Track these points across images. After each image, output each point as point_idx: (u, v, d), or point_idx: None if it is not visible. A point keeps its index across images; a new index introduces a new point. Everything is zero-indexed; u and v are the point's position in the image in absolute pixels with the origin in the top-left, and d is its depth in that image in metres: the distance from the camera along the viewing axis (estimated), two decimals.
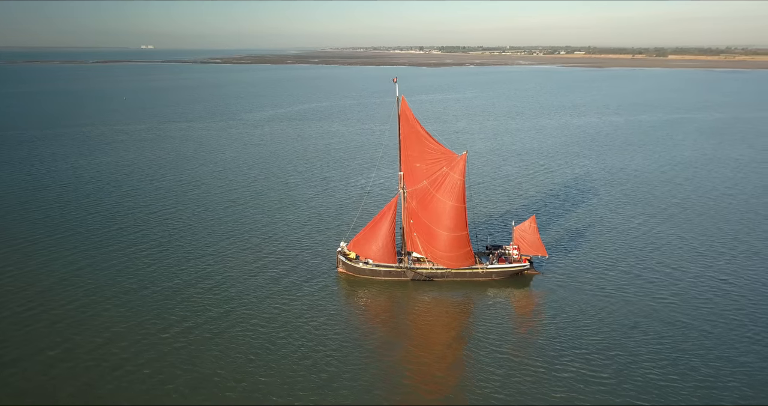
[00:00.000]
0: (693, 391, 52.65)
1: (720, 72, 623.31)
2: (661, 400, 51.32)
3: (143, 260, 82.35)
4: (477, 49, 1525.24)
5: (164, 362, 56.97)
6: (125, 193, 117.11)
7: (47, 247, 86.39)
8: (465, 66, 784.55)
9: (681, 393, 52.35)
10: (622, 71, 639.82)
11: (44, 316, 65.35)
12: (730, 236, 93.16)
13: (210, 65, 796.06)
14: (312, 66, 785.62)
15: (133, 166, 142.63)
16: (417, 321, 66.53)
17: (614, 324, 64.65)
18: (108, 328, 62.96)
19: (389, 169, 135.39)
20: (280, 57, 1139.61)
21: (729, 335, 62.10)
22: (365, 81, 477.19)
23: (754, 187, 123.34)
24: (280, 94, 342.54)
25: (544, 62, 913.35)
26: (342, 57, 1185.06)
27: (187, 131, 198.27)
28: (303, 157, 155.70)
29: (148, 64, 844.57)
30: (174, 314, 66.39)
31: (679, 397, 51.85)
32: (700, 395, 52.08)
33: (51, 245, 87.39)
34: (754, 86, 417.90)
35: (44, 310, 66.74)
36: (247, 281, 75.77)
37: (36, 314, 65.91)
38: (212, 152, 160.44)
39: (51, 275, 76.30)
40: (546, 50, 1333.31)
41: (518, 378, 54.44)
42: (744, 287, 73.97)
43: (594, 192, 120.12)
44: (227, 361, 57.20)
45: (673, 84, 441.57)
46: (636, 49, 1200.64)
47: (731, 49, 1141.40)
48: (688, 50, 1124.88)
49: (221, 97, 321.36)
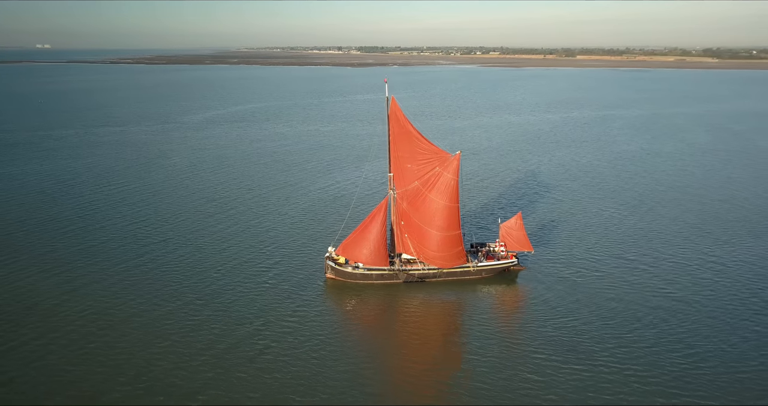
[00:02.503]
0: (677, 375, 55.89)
1: (625, 71, 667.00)
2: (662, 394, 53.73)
3: (117, 276, 76.75)
4: (395, 50, 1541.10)
5: (152, 366, 55.43)
6: (73, 205, 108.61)
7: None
8: (389, 66, 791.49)
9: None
10: (538, 71, 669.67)
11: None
12: (692, 224, 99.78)
13: (122, 66, 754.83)
14: (233, 66, 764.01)
15: (72, 174, 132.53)
16: (410, 323, 66.16)
17: (604, 316, 66.98)
18: (97, 336, 58.30)
19: (356, 171, 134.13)
20: (197, 57, 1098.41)
21: (706, 319, 66.47)
22: (295, 82, 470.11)
23: (699, 179, 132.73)
24: (211, 96, 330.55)
25: (463, 62, 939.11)
26: (261, 57, 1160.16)
27: (122, 136, 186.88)
28: (260, 160, 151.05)
29: (53, 64, 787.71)
30: (157, 327, 62.76)
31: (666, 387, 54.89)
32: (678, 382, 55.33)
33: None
34: (660, 84, 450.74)
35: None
36: (230, 294, 71.87)
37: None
38: (158, 158, 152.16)
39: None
40: (463, 50, 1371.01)
41: (517, 378, 54.53)
42: (710, 270, 79.52)
43: (556, 187, 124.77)
44: (217, 370, 55.30)
45: (588, 83, 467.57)
46: (546, 49, 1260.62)
47: (630, 50, 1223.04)
48: (593, 51, 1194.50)
49: (149, 100, 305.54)
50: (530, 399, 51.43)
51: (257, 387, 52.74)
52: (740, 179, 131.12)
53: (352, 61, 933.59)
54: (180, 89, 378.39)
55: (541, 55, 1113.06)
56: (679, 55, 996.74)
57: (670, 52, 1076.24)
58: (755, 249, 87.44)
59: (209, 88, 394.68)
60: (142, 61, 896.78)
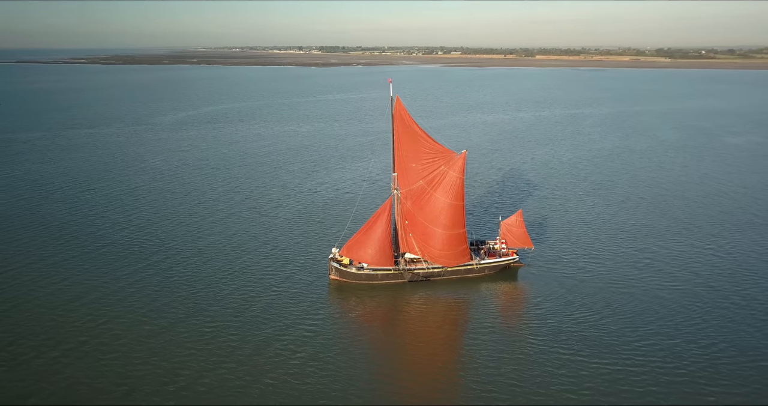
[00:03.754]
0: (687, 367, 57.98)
1: (585, 70, 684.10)
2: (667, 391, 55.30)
3: (118, 284, 74.41)
4: (356, 50, 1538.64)
5: (154, 366, 55.23)
6: (58, 211, 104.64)
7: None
8: (353, 66, 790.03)
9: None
10: (502, 70, 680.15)
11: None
12: (680, 219, 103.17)
13: (77, 66, 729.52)
14: (193, 67, 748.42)
15: (49, 179, 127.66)
16: (416, 323, 66.36)
17: (609, 309, 68.59)
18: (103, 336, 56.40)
19: (346, 172, 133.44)
20: (154, 57, 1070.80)
21: (703, 309, 69.05)
22: (261, 82, 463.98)
23: (677, 176, 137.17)
24: (177, 97, 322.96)
25: (426, 62, 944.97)
26: (221, 57, 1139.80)
27: (93, 138, 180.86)
28: (245, 161, 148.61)
29: (0, 64, 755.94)
30: (171, 335, 61.17)
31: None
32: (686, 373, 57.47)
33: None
34: (619, 83, 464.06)
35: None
36: (233, 299, 70.58)
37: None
38: (137, 161, 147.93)
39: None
40: (424, 50, 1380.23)
41: (523, 377, 54.70)
42: (705, 263, 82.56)
43: (543, 185, 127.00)
44: (218, 372, 54.80)
45: (552, 82, 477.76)
46: (506, 49, 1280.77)
47: (586, 50, 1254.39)
48: (550, 51, 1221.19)
49: (113, 101, 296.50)
50: (543, 398, 51.75)
51: (283, 391, 52.04)
52: (716, 175, 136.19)
53: (315, 61, 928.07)
54: (143, 90, 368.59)
55: (502, 55, 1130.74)
56: (634, 55, 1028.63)
57: (624, 52, 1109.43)
58: (744, 241, 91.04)
59: (174, 88, 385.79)
60: (97, 61, 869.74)
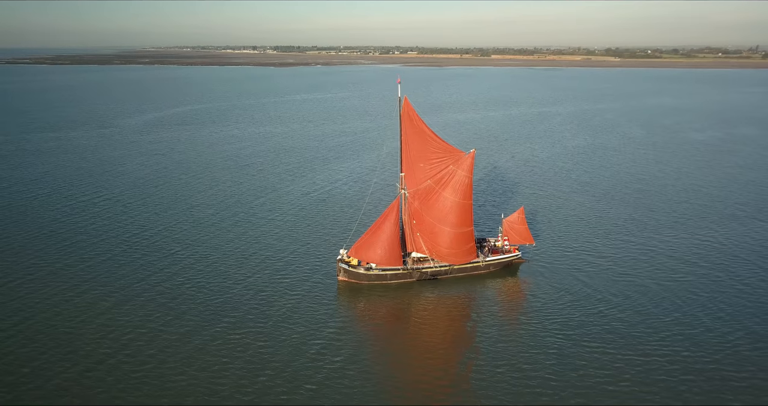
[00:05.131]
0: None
1: (540, 70, 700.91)
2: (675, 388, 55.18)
3: (126, 292, 72.30)
4: (312, 49, 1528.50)
5: (163, 366, 55.62)
6: (44, 219, 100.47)
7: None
8: (312, 66, 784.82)
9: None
10: (461, 70, 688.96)
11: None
12: (668, 212, 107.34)
13: (23, 67, 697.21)
14: (147, 67, 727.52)
15: (24, 185, 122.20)
16: (426, 321, 66.95)
17: (610, 306, 70.56)
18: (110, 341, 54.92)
19: (335, 173, 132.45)
20: (103, 57, 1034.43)
21: (702, 306, 72.46)
22: (221, 82, 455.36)
23: (654, 171, 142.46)
24: (139, 98, 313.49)
25: (384, 62, 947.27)
26: (174, 57, 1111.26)
27: (61, 142, 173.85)
28: (229, 164, 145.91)
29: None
30: (159, 323, 60.14)
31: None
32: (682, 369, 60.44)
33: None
34: (575, 82, 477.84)
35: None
36: (241, 300, 70.07)
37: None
38: (114, 165, 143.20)
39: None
40: (381, 50, 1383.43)
41: (532, 377, 55.00)
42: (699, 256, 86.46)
43: (528, 182, 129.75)
44: (229, 370, 55.20)
45: (513, 81, 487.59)
46: (462, 49, 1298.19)
47: (539, 49, 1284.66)
48: (504, 50, 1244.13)
49: (74, 103, 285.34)
50: (551, 397, 52.54)
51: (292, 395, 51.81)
52: (689, 170, 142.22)
53: (272, 61, 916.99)
54: (102, 91, 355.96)
55: (458, 55, 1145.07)
56: (585, 55, 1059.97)
57: (575, 52, 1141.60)
58: (733, 231, 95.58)
59: (133, 89, 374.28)
60: (44, 62, 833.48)
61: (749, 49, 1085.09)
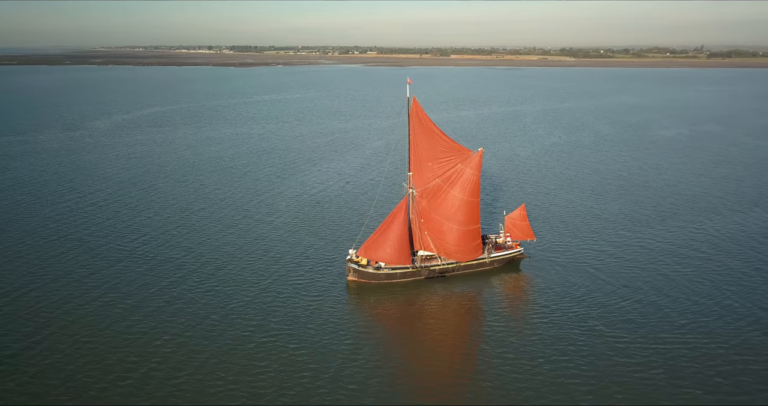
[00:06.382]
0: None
1: (501, 69, 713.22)
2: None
3: (135, 297, 70.56)
4: (269, 49, 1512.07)
5: (167, 366, 55.66)
6: (32, 225, 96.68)
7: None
8: (272, 66, 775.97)
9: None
10: (424, 70, 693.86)
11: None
12: (655, 206, 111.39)
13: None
14: (102, 67, 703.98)
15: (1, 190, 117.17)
16: (437, 319, 67.93)
17: (616, 299, 73.14)
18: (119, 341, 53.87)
19: (324, 174, 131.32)
20: (54, 58, 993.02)
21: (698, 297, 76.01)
22: (184, 83, 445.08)
23: (634, 167, 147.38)
24: (102, 99, 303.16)
25: (345, 62, 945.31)
26: (128, 57, 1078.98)
27: (29, 146, 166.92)
28: (213, 167, 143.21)
29: None
30: (170, 326, 59.75)
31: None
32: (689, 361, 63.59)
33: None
34: (537, 81, 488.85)
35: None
36: (253, 301, 69.81)
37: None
38: (93, 169, 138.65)
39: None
40: (340, 50, 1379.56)
41: (540, 376, 55.40)
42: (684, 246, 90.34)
43: (515, 180, 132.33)
44: (236, 370, 55.20)
45: (476, 81, 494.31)
46: (421, 49, 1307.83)
47: (496, 49, 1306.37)
48: (462, 50, 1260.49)
49: (35, 104, 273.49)
50: (563, 396, 53.45)
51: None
52: (666, 166, 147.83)
53: (231, 61, 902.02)
54: (60, 93, 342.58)
55: (418, 55, 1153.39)
56: (541, 55, 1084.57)
57: (531, 52, 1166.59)
58: (723, 222, 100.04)
59: (93, 91, 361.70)
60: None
61: (695, 49, 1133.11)
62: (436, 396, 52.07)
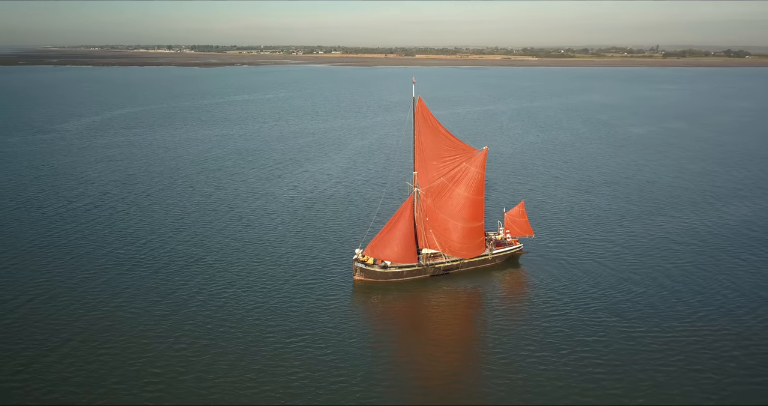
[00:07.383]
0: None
1: (467, 69, 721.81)
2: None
3: (151, 276, 69.54)
4: (231, 49, 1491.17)
5: (171, 368, 55.53)
6: (25, 229, 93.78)
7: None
8: (238, 66, 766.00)
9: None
10: (391, 70, 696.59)
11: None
12: (640, 202, 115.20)
13: None
14: (59, 67, 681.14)
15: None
16: (444, 316, 68.73)
17: (617, 292, 75.70)
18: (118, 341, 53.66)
19: (314, 174, 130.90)
20: (6, 58, 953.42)
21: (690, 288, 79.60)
22: (149, 84, 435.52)
23: (614, 164, 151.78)
24: (67, 101, 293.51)
25: (310, 61, 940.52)
26: (84, 57, 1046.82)
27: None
28: (199, 169, 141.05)
29: None
30: (181, 329, 60.55)
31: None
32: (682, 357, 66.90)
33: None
34: (505, 81, 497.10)
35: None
36: (269, 303, 69.61)
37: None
38: (74, 172, 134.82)
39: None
40: (304, 50, 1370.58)
41: (544, 377, 55.55)
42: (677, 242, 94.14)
43: (501, 178, 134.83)
44: (239, 370, 55.43)
45: (445, 81, 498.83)
46: (386, 48, 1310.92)
47: (459, 49, 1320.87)
48: (425, 50, 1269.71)
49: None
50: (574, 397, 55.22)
51: None
52: (643, 162, 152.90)
53: (194, 61, 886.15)
54: (21, 95, 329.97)
55: (383, 54, 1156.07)
56: (504, 54, 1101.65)
57: (494, 51, 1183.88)
58: (710, 215, 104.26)
59: (56, 92, 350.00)
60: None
61: (650, 49, 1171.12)
62: (448, 396, 52.45)
